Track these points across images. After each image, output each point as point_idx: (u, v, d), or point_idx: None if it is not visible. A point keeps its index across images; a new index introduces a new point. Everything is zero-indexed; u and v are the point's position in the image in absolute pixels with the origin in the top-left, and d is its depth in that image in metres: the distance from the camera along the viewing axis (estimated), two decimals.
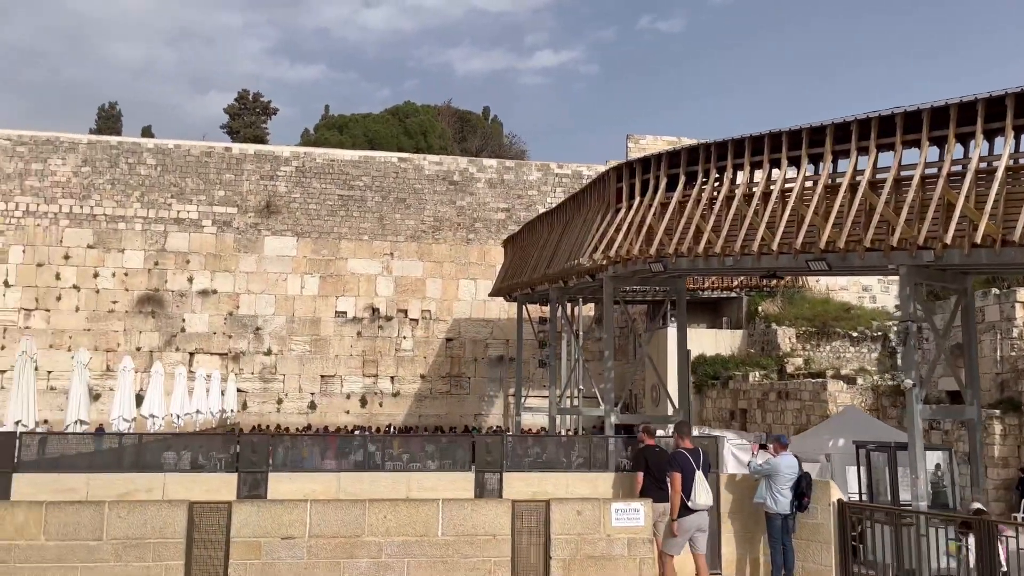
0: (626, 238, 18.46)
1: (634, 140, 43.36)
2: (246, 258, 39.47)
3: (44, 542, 6.54)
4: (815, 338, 31.97)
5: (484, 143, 61.98)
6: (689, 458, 9.48)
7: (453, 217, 41.37)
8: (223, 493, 7.87)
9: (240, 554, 6.79)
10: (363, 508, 7.05)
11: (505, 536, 7.18)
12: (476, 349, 40.88)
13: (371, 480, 8.20)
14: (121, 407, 22.42)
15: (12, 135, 38.42)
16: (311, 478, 8.13)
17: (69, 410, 18.74)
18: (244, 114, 60.65)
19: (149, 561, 6.65)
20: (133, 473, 8.01)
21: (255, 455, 8.09)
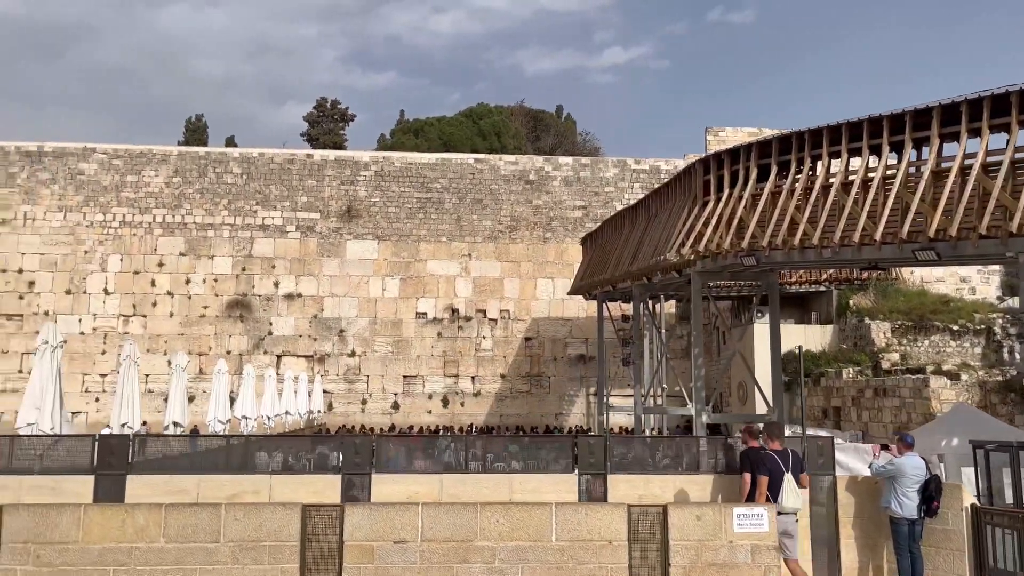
0: (715, 232, 17.94)
1: (713, 133, 42.40)
2: (329, 262, 40.25)
3: (164, 544, 6.66)
4: (912, 332, 30.55)
5: (558, 142, 61.72)
6: (778, 460, 9.11)
7: (530, 216, 41.26)
8: (328, 495, 7.89)
9: (353, 558, 6.76)
10: (475, 512, 6.93)
11: (621, 542, 6.94)
12: (555, 348, 40.67)
13: (473, 482, 8.09)
14: (216, 409, 23.09)
15: (108, 149, 40.16)
16: (414, 480, 8.07)
17: (168, 412, 19.36)
18: (323, 121, 62.00)
19: (265, 564, 6.70)
20: (241, 475, 8.12)
21: (358, 457, 8.08)
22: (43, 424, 12.81)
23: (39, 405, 12.89)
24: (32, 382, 13.26)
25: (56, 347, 13.30)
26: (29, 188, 39.30)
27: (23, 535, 6.56)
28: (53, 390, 13.22)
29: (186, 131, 62.37)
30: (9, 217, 38.94)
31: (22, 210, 39.16)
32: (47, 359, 13.18)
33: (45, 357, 13.16)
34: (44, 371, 13.16)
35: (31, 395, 13.05)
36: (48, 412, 12.97)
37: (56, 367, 13.41)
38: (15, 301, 38.39)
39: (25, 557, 6.50)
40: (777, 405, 19.49)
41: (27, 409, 12.94)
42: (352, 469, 7.93)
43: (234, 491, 7.81)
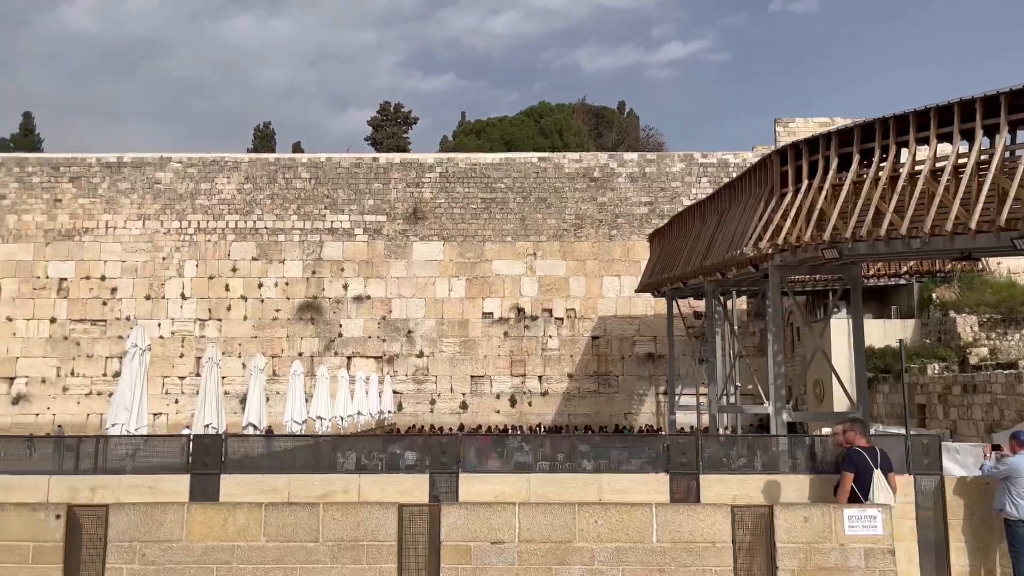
0: (794, 224, 17.39)
1: (783, 124, 41.35)
2: (396, 264, 40.67)
3: (264, 543, 6.72)
4: (1001, 326, 29.17)
5: (621, 138, 61.18)
6: (866, 457, 8.74)
7: (594, 214, 40.93)
8: (416, 495, 7.85)
9: (451, 558, 6.69)
10: (573, 512, 6.79)
11: (725, 544, 6.71)
12: (623, 347, 40.25)
13: (561, 482, 7.95)
14: (292, 410, 23.49)
15: (183, 158, 41.40)
16: (501, 479, 7.98)
17: (246, 413, 19.72)
18: (387, 125, 62.78)
19: (363, 564, 6.69)
20: (330, 474, 8.16)
21: (445, 456, 8.04)
22: (131, 425, 13.13)
23: (128, 406, 13.20)
24: (121, 384, 13.60)
25: (144, 350, 13.63)
26: (110, 198, 40.79)
27: (129, 534, 6.70)
28: (141, 392, 13.53)
29: (255, 138, 63.99)
30: (92, 226, 40.47)
31: (104, 219, 40.65)
32: (136, 362, 13.51)
33: (134, 360, 13.50)
34: (133, 373, 13.49)
35: (120, 397, 13.39)
36: (136, 413, 13.28)
37: (144, 370, 13.73)
38: (99, 307, 39.88)
39: (131, 556, 6.64)
40: (861, 403, 18.80)
41: (117, 410, 13.27)
42: (439, 468, 7.88)
43: (324, 490, 7.84)
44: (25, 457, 8.66)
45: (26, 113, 59.38)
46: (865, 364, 20.97)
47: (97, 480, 7.91)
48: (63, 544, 6.60)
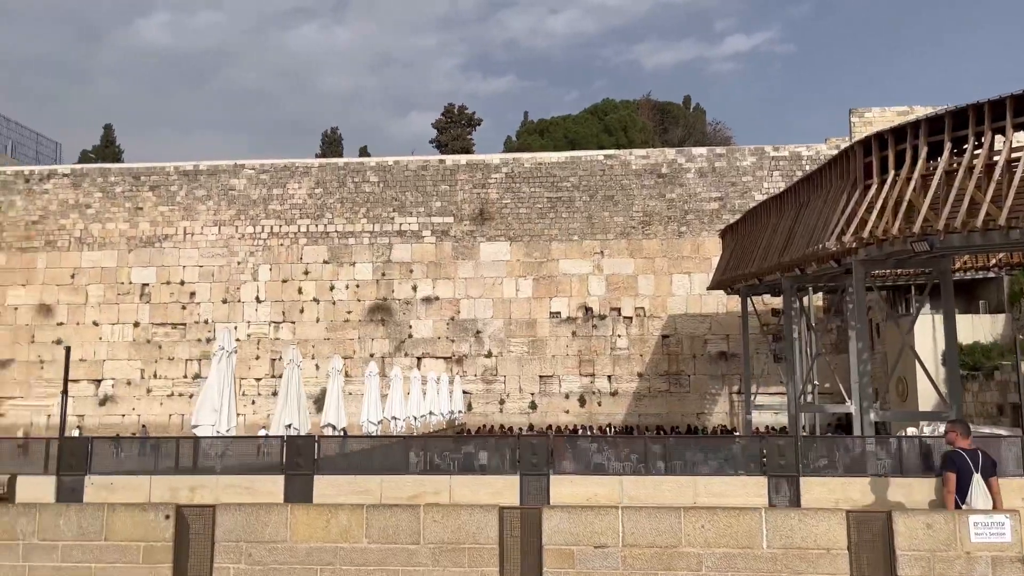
0: (880, 217, 16.76)
1: (858, 114, 40.04)
2: (464, 264, 40.87)
3: (366, 545, 6.74)
4: None
5: (687, 133, 60.26)
6: (967, 459, 8.27)
7: (663, 211, 40.37)
8: (507, 496, 7.78)
9: (553, 562, 6.59)
10: (678, 516, 6.61)
11: (840, 551, 6.43)
12: (694, 345, 39.59)
13: (654, 485, 7.77)
14: (368, 410, 23.75)
15: (256, 165, 42.44)
16: (594, 482, 7.85)
17: (324, 414, 20.00)
18: (451, 127, 63.19)
19: (465, 567, 6.65)
20: (421, 475, 8.15)
21: (535, 457, 7.95)
22: (220, 426, 13.38)
23: (216, 407, 13.44)
24: (209, 385, 13.88)
25: (231, 352, 13.90)
26: (187, 205, 42.09)
27: (235, 534, 6.82)
28: (228, 393, 13.78)
29: (323, 143, 65.21)
30: (171, 233, 41.83)
31: (182, 226, 41.98)
32: (223, 363, 13.77)
33: (221, 362, 13.75)
34: (220, 375, 13.74)
35: (208, 398, 13.66)
36: (224, 414, 13.53)
37: (231, 371, 13.99)
38: (178, 311, 41.20)
39: (238, 556, 6.76)
40: (954, 402, 18.01)
41: (205, 411, 13.53)
42: (530, 470, 7.79)
43: (415, 491, 7.84)
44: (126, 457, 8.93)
45: (107, 125, 61.76)
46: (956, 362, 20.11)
47: (195, 480, 8.07)
48: (172, 544, 6.75)
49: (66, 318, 41.33)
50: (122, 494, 7.95)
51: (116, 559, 6.67)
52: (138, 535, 6.68)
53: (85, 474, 8.16)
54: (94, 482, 8.16)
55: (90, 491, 8.09)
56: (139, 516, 6.61)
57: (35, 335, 41.31)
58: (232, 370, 14.11)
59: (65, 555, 6.66)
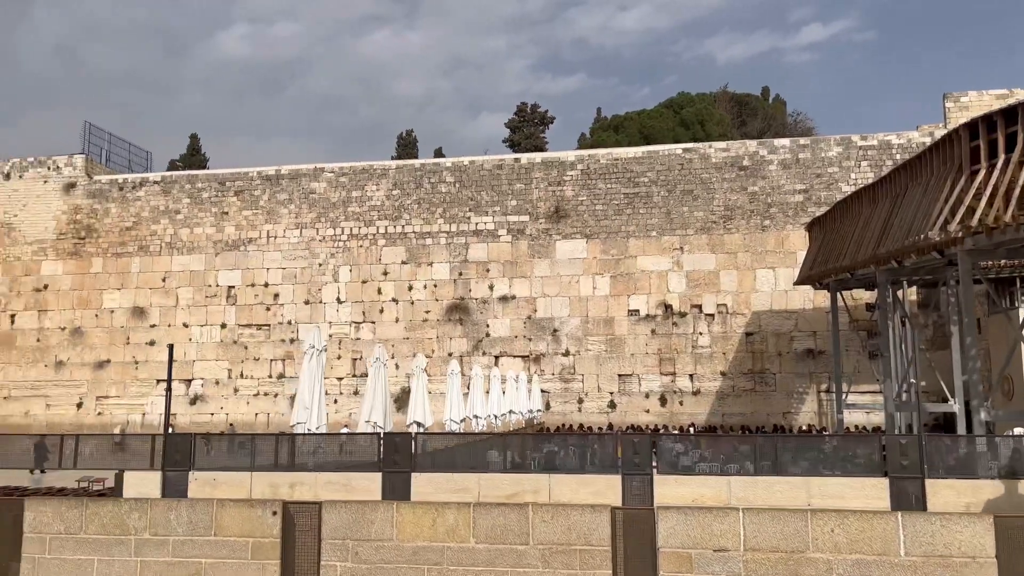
0: (991, 204, 15.77)
1: (953, 99, 38.15)
2: (540, 263, 40.66)
3: (474, 545, 6.59)
4: None
5: (767, 125, 58.58)
6: None
7: (745, 204, 39.27)
8: (609, 496, 7.51)
9: (670, 566, 6.30)
10: (804, 520, 6.23)
11: (988, 558, 5.93)
12: (779, 343, 38.36)
13: (765, 486, 7.37)
14: (451, 409, 23.76)
15: (335, 167, 43.20)
16: (700, 482, 7.50)
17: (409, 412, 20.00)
18: (524, 126, 63.09)
19: (576, 569, 6.42)
20: (518, 473, 7.96)
21: (637, 456, 7.65)
22: (311, 423, 13.46)
23: (308, 405, 13.53)
24: (301, 384, 13.99)
25: (321, 351, 13.97)
26: (270, 209, 43.15)
27: (341, 532, 6.77)
28: (319, 391, 13.85)
29: (398, 146, 66.00)
30: (255, 236, 42.95)
31: (265, 229, 43.06)
32: (314, 362, 13.85)
33: (312, 360, 13.84)
34: (312, 373, 13.83)
35: (301, 396, 13.75)
36: (316, 412, 13.60)
37: (321, 369, 14.07)
38: (263, 312, 42.27)
39: (344, 553, 6.71)
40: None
41: (298, 409, 13.63)
42: (632, 469, 7.49)
43: (513, 490, 7.65)
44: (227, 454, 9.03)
45: (193, 135, 64.04)
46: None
47: (295, 477, 8.07)
48: (280, 540, 6.74)
49: (158, 320, 42.91)
50: (225, 489, 8.01)
51: (226, 555, 6.71)
52: (246, 531, 6.69)
53: (189, 470, 8.27)
54: (197, 477, 8.26)
55: (194, 486, 8.19)
56: (247, 512, 6.62)
57: (130, 336, 43.04)
58: (322, 368, 14.22)
59: (176, 550, 6.73)
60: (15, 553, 7.26)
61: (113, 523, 6.77)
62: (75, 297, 44.06)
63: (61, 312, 43.96)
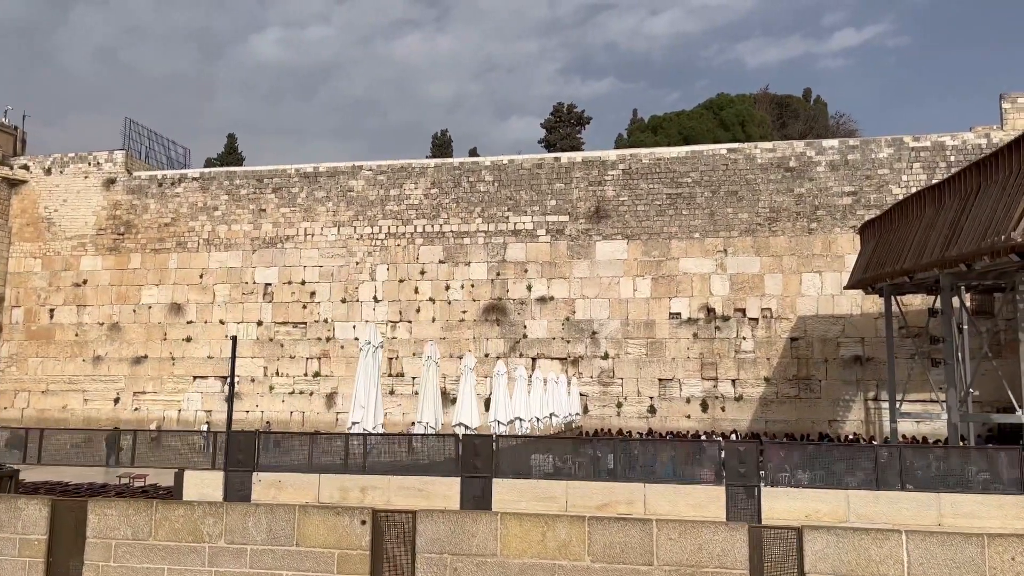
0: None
1: (1010, 100, 36.87)
2: (579, 264, 39.97)
3: (589, 563, 5.97)
4: None
5: (808, 127, 57.40)
6: None
7: (791, 206, 38.27)
8: (711, 509, 6.86)
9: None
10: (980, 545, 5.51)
11: None
12: (826, 349, 37.30)
13: (889, 501, 6.68)
14: (496, 410, 23.14)
15: (373, 166, 42.85)
16: (813, 495, 6.84)
17: (456, 413, 19.38)
18: (560, 126, 62.42)
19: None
20: (611, 482, 7.34)
21: (743, 466, 6.99)
22: (366, 423, 12.91)
23: (364, 404, 12.99)
24: (357, 382, 13.45)
25: (377, 347, 13.43)
26: (308, 206, 42.91)
27: (439, 544, 6.18)
28: (376, 390, 13.29)
29: (433, 146, 65.64)
30: (292, 234, 42.74)
31: (303, 227, 42.83)
32: (370, 359, 13.31)
33: (368, 358, 13.30)
34: (368, 371, 13.30)
35: (357, 395, 13.22)
36: (372, 411, 13.05)
37: (378, 367, 13.52)
38: (299, 310, 42.01)
39: (441, 569, 6.12)
40: None
41: (354, 408, 13.08)
42: (737, 480, 6.85)
43: (605, 499, 7.03)
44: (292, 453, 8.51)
45: (230, 135, 64.23)
46: None
47: (366, 480, 7.51)
48: (369, 552, 6.17)
49: (195, 316, 42.85)
50: (290, 492, 7.47)
51: (309, 567, 6.14)
52: (332, 541, 6.13)
53: (253, 470, 7.75)
54: (261, 479, 7.73)
55: (258, 488, 7.66)
56: (333, 520, 6.06)
57: (167, 332, 43.01)
58: (378, 365, 13.67)
59: (254, 560, 6.17)
60: (77, 559, 6.77)
61: (186, 529, 6.25)
62: (113, 292, 44.15)
63: (99, 307, 44.06)
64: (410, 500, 7.29)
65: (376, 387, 13.21)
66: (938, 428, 34.33)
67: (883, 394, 36.33)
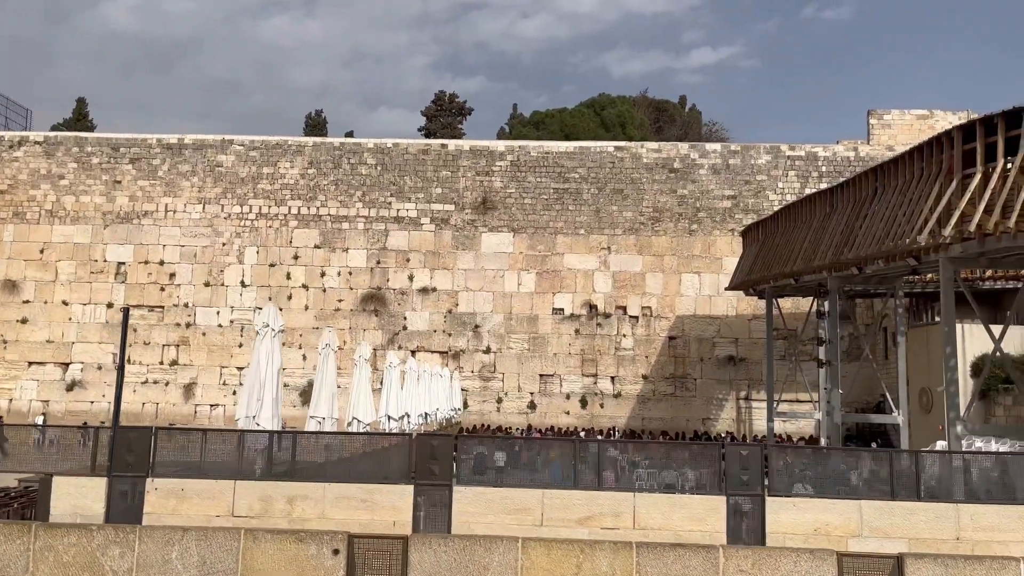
0: (988, 210, 15.24)
1: (877, 116, 38.99)
2: (464, 255, 38.86)
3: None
4: None
5: (684, 132, 58.87)
6: None
7: (674, 207, 38.82)
8: (710, 521, 5.99)
9: None
10: None
11: None
12: (702, 348, 38.08)
13: (904, 513, 6.04)
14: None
15: (245, 140, 39.87)
16: (825, 507, 6.12)
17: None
18: (441, 115, 60.96)
19: None
20: (595, 491, 6.29)
21: (746, 472, 6.17)
22: (263, 418, 11.27)
23: (261, 396, 11.32)
24: (251, 371, 11.74)
25: (278, 332, 11.79)
26: (170, 180, 39.38)
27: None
28: (276, 380, 11.66)
29: (307, 127, 62.40)
30: (151, 209, 39.07)
31: (163, 202, 39.26)
32: (268, 345, 11.67)
33: (266, 343, 11.65)
34: (267, 358, 11.63)
35: (250, 385, 11.52)
36: (270, 405, 11.40)
37: (279, 355, 11.87)
38: (157, 292, 38.47)
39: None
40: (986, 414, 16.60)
41: (247, 400, 11.38)
42: (739, 488, 6.01)
43: (588, 512, 5.99)
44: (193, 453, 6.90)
45: (80, 99, 58.23)
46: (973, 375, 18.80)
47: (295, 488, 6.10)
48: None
49: (33, 295, 38.35)
50: (196, 504, 5.93)
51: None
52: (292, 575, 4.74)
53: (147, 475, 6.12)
54: (158, 487, 6.12)
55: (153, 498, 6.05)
56: (294, 549, 4.67)
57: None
58: (279, 353, 12.00)
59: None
60: None
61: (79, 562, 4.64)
62: None
63: None
64: (350, 513, 5.98)
65: (277, 377, 11.54)
66: (803, 427, 35.84)
67: (754, 393, 37.55)
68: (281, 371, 12.25)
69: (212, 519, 5.95)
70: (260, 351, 11.63)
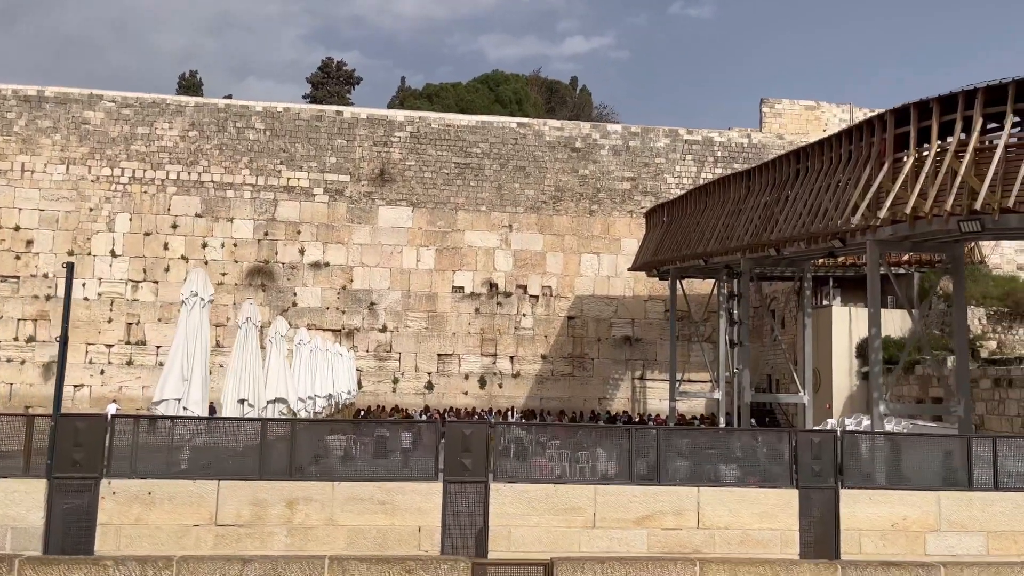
0: (923, 194, 15.53)
1: (769, 105, 40.20)
2: (359, 229, 37.11)
3: None
4: (1007, 319, 28.78)
5: (575, 113, 58.96)
6: None
7: (575, 187, 38.61)
8: (781, 518, 5.32)
9: None
10: None
11: None
12: (599, 328, 38.21)
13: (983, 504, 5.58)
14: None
15: (117, 97, 36.31)
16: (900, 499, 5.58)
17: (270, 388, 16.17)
18: (328, 83, 58.24)
19: None
20: (647, 486, 5.48)
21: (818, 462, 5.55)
22: (189, 401, 9.83)
23: (188, 376, 9.87)
24: (176, 345, 10.22)
25: (208, 302, 10.32)
26: (27, 136, 35.30)
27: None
28: (205, 358, 10.19)
29: (180, 88, 57.96)
30: (5, 168, 34.92)
31: (19, 160, 35.16)
32: (197, 316, 10.20)
33: (195, 313, 10.18)
34: (194, 332, 10.16)
35: (174, 363, 10.02)
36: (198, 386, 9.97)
37: (207, 327, 10.39)
38: (11, 261, 34.51)
39: None
40: (963, 395, 17.30)
41: (169, 381, 9.90)
42: (812, 481, 5.39)
43: (647, 510, 5.12)
44: (159, 449, 5.53)
45: None
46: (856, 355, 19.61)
47: (296, 488, 4.94)
48: None
49: None
50: (167, 510, 4.63)
51: None
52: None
53: (102, 476, 4.75)
54: (117, 490, 4.75)
55: (111, 504, 4.67)
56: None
57: None
58: (208, 327, 10.50)
59: None
60: None
61: None
62: None
63: None
64: (365, 518, 4.90)
65: (205, 354, 10.03)
66: (695, 406, 36.58)
67: (648, 373, 38.08)
68: (212, 349, 10.71)
69: (189, 530, 4.70)
70: (187, 324, 10.08)
